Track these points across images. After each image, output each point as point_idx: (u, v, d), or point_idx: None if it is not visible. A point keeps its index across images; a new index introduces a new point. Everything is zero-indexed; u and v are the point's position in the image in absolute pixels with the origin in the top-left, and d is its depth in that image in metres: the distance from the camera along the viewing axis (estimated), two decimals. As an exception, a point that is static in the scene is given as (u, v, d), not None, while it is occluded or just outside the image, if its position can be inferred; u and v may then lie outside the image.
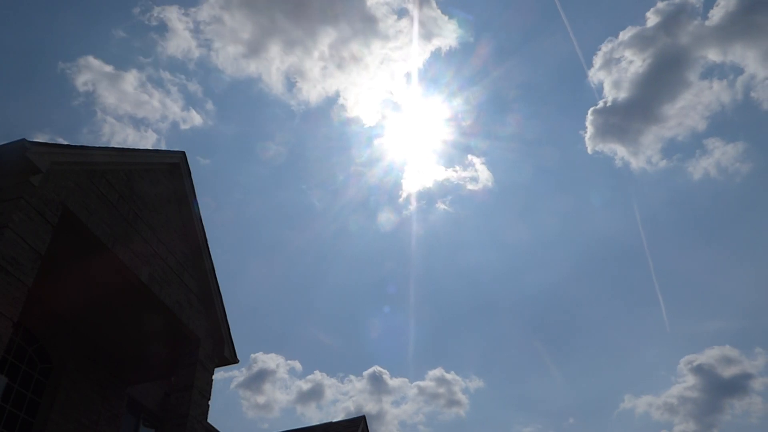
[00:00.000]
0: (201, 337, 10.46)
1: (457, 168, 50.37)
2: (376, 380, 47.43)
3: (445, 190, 50.73)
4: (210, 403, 10.33)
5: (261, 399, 49.52)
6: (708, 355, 45.00)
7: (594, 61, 47.02)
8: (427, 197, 50.70)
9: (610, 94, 46.75)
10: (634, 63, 41.98)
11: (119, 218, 8.73)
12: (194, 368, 10.12)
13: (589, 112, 52.65)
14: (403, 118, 49.05)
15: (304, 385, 49.60)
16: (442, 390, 48.87)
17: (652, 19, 42.85)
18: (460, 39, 46.75)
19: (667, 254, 48.10)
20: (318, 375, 49.13)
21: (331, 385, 49.39)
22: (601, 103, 45.77)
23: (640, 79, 42.07)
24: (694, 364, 44.42)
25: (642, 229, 45.90)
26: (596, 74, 46.30)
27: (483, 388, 50.94)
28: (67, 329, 10.27)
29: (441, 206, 49.91)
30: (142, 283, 9.08)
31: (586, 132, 51.32)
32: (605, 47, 48.70)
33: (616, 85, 44.86)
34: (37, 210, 7.17)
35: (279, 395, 50.22)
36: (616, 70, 44.13)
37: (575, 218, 50.06)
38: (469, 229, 51.77)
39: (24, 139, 7.06)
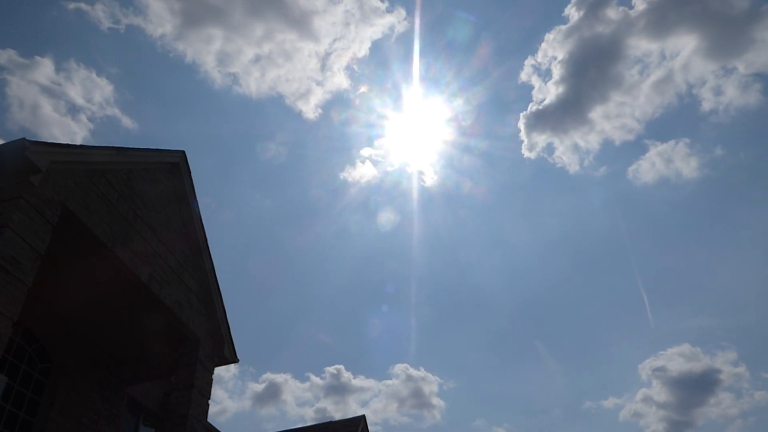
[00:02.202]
0: (201, 337, 10.46)
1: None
2: (337, 380, 47.49)
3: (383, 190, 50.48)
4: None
5: (214, 407, 49.27)
6: (675, 354, 45.40)
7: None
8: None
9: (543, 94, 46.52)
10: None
11: (119, 218, 8.72)
12: (194, 368, 10.12)
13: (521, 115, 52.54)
14: (404, 118, 49.04)
15: (258, 387, 49.12)
16: (412, 389, 49.04)
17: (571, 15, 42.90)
18: (405, 25, 46.93)
19: (650, 253, 48.29)
20: (271, 375, 48.83)
21: (285, 381, 49.04)
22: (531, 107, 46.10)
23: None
24: (658, 366, 45.04)
25: (623, 231, 46.10)
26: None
27: (456, 387, 51.11)
28: (67, 329, 10.26)
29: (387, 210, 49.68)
30: (142, 283, 9.08)
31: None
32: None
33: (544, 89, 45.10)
34: (37, 209, 7.16)
35: (229, 402, 49.91)
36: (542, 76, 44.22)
37: (559, 219, 50.16)
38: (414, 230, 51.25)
39: (24, 139, 7.05)
